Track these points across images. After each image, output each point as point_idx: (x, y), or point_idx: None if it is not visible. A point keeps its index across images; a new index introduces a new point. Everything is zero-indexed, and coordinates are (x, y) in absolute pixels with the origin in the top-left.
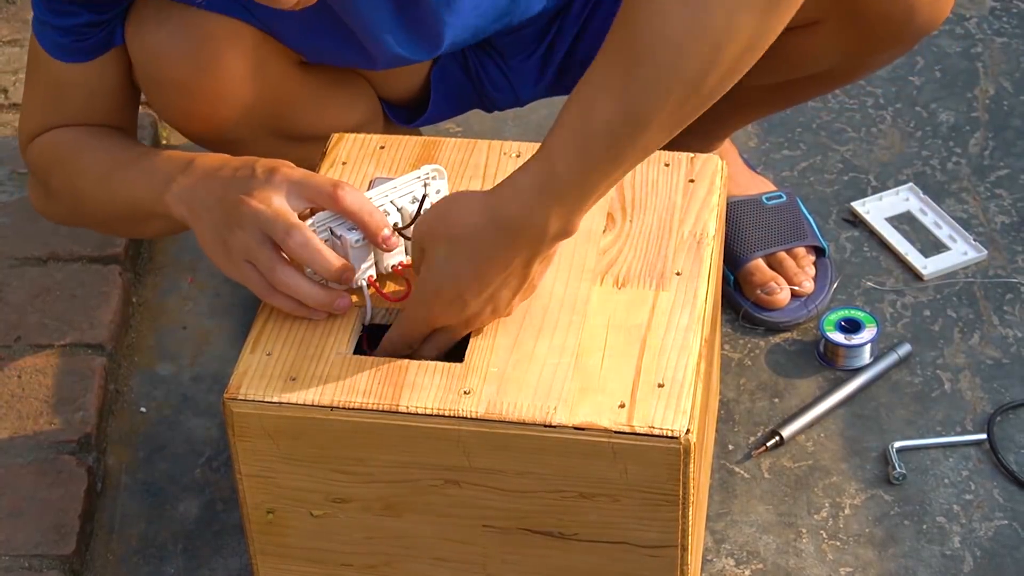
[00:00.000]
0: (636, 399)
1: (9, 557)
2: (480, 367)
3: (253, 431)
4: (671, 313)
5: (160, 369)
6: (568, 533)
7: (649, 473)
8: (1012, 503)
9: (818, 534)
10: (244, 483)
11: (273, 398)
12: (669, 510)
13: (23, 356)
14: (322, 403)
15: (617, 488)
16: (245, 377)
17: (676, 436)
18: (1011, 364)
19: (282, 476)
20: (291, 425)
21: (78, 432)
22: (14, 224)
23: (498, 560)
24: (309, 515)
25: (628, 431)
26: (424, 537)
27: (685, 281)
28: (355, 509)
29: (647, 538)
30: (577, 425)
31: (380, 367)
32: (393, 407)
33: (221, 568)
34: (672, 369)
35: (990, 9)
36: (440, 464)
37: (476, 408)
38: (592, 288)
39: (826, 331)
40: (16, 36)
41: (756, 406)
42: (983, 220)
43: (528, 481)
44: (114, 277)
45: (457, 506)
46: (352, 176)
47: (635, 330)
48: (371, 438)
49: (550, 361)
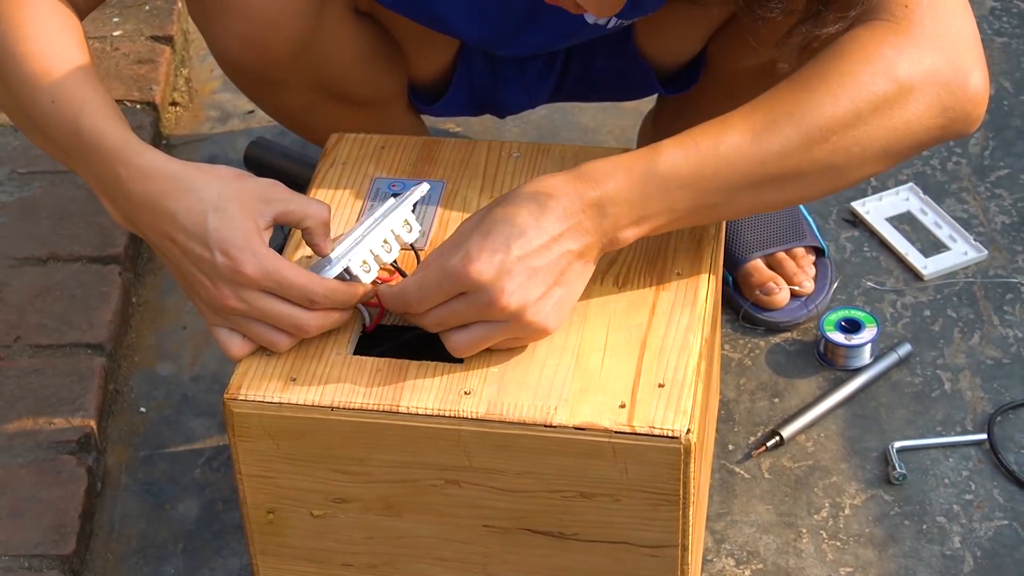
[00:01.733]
0: (636, 399)
1: (9, 557)
2: (480, 367)
3: (254, 431)
4: (671, 313)
5: (160, 369)
6: (568, 533)
7: (649, 473)
8: (1012, 503)
9: (818, 534)
10: (244, 483)
11: (274, 398)
12: (669, 510)
13: (23, 356)
14: (322, 403)
15: (617, 488)
16: (245, 377)
17: (677, 436)
18: (1011, 364)
19: (282, 476)
20: (292, 425)
21: (78, 432)
22: (14, 224)
23: (499, 560)
24: (310, 515)
25: (628, 431)
26: (425, 537)
27: (685, 281)
28: (356, 509)
29: (648, 538)
30: (578, 425)
31: (380, 368)
32: (393, 407)
33: (221, 568)
34: (672, 369)
35: (990, 9)
36: (440, 464)
37: (477, 408)
38: (592, 288)
39: (826, 331)
40: None
41: (756, 406)
42: (983, 220)
43: (528, 481)
44: (114, 277)
45: (458, 506)
46: (352, 176)
47: (635, 330)
48: (371, 438)
49: (550, 361)
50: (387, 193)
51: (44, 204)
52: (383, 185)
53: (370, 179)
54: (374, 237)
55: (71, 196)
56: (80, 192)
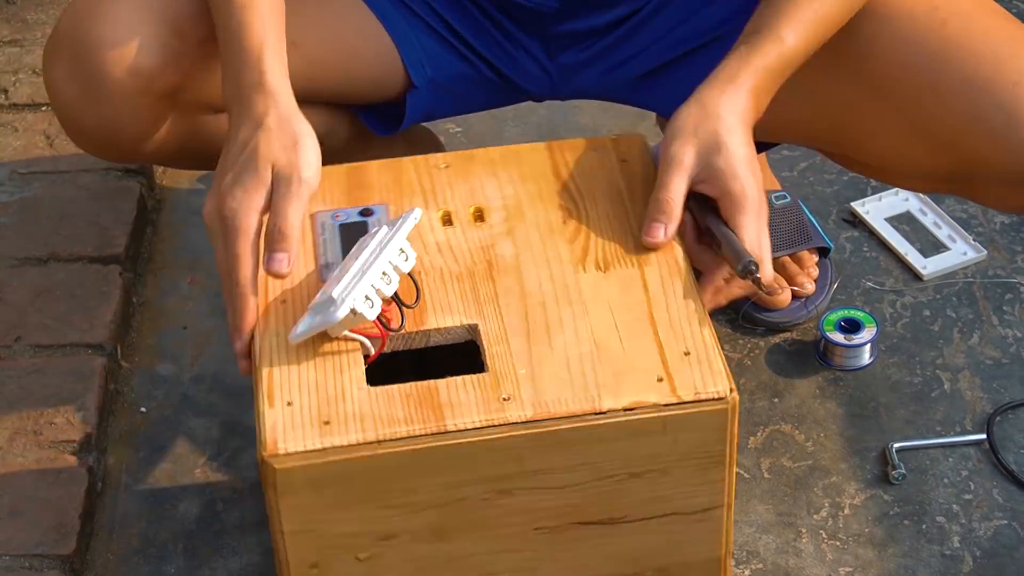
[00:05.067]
0: (670, 371)
1: (9, 557)
2: (507, 372)
3: (298, 485)
4: (663, 285)
5: (160, 369)
6: (617, 517)
7: (698, 438)
8: (1012, 503)
9: (818, 534)
10: (286, 541)
11: (316, 445)
12: (718, 471)
13: (23, 356)
14: (367, 439)
15: (667, 461)
16: (277, 432)
17: (723, 397)
18: (1011, 364)
19: (326, 526)
20: (338, 469)
21: (78, 432)
22: (14, 224)
23: (549, 561)
24: (355, 560)
25: (676, 402)
26: (475, 555)
27: (660, 252)
28: (403, 542)
29: (695, 504)
30: (626, 407)
31: (409, 393)
32: (441, 428)
33: (221, 568)
34: (691, 337)
35: None
36: (490, 476)
37: (523, 412)
38: (578, 277)
39: (826, 331)
40: (16, 36)
41: (756, 406)
42: (983, 220)
43: (579, 473)
44: (114, 277)
45: (508, 515)
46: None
47: (637, 308)
48: (420, 465)
49: (572, 353)
50: (333, 225)
51: (44, 204)
52: (326, 218)
53: (308, 215)
54: (374, 272)
55: (71, 196)
56: (80, 192)
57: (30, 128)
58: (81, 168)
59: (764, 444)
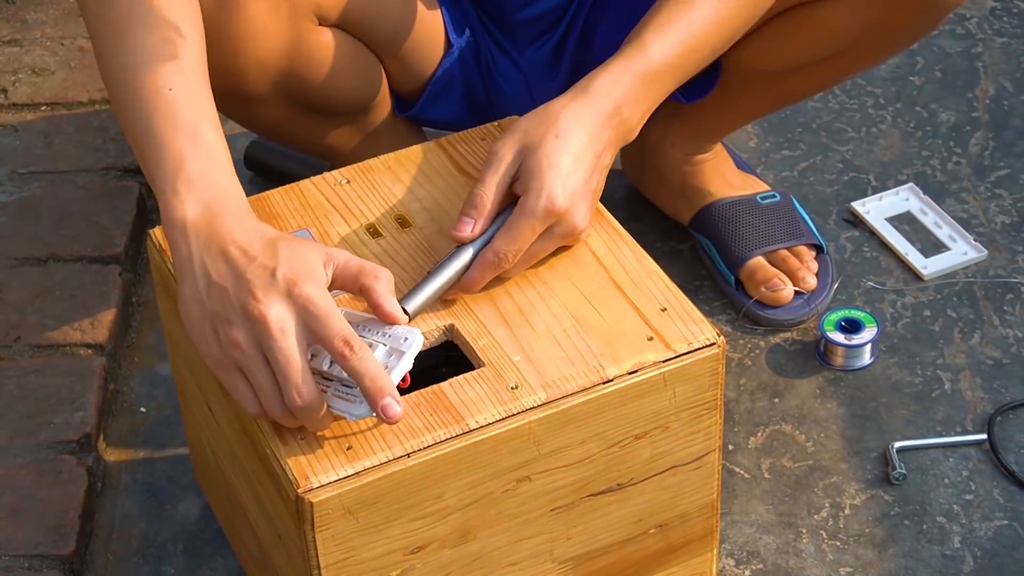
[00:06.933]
0: (656, 329)
1: (9, 557)
2: (504, 362)
3: (334, 515)
4: (611, 249)
5: (160, 369)
6: (625, 481)
7: (694, 388)
8: (1012, 503)
9: (818, 534)
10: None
11: (348, 471)
12: (711, 416)
13: (23, 356)
14: (396, 455)
15: (667, 416)
16: (301, 466)
17: (714, 343)
18: (1011, 364)
19: (361, 551)
20: (372, 490)
21: (78, 432)
22: (14, 224)
23: (563, 539)
24: None
25: (673, 355)
26: (497, 548)
27: (596, 221)
28: (433, 550)
29: (692, 452)
30: (630, 370)
31: (420, 402)
32: (464, 428)
33: (221, 568)
34: (659, 293)
35: (990, 9)
36: (510, 466)
37: (536, 396)
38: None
39: (826, 331)
40: (16, 36)
41: (756, 406)
42: (983, 220)
43: (590, 446)
44: (114, 277)
45: (528, 501)
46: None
47: (598, 276)
48: (447, 468)
49: (557, 331)
50: None
51: (44, 204)
52: None
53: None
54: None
55: (71, 196)
56: (80, 192)
57: (29, 128)
58: (80, 168)
59: (764, 444)
